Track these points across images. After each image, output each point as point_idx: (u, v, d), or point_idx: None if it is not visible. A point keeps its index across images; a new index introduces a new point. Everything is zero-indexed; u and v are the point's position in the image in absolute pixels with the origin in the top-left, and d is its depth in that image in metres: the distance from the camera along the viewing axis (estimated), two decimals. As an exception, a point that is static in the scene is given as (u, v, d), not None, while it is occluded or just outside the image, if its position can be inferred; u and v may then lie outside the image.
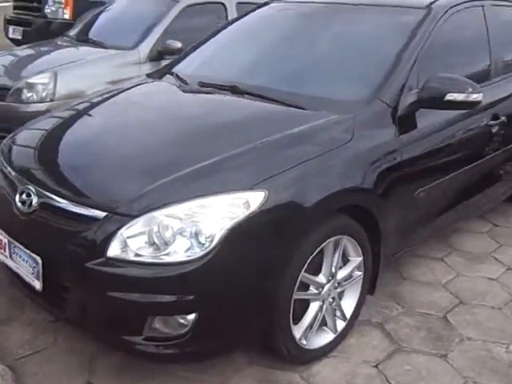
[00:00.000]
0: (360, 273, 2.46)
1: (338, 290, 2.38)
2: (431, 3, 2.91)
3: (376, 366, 2.37)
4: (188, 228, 1.90)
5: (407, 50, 2.62)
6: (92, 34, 5.33)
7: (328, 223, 2.19)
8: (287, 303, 2.12)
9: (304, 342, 2.28)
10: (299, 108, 2.48)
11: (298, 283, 2.13)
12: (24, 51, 5.17)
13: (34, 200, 2.14)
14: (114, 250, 1.91)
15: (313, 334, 2.31)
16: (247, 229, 1.93)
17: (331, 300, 2.36)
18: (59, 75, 4.40)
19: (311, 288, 2.26)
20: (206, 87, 2.82)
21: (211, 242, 1.88)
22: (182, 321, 1.95)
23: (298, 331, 2.24)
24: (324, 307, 2.33)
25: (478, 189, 3.14)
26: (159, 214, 1.92)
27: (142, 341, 1.97)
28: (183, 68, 3.18)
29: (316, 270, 2.28)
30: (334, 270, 2.31)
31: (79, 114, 2.71)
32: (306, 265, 2.14)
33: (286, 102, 2.52)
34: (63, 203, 2.07)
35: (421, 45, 2.66)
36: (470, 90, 2.50)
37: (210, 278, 1.90)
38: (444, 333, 2.62)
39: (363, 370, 2.35)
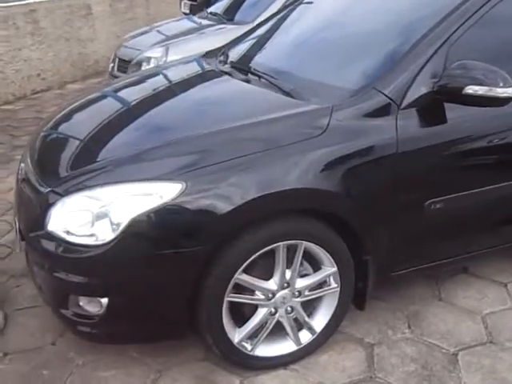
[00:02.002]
0: (336, 285, 2.18)
1: (299, 299, 2.15)
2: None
3: (329, 392, 2.11)
4: (106, 212, 1.89)
5: (434, 31, 2.16)
6: (222, 10, 5.47)
7: (273, 225, 1.97)
8: (217, 303, 1.98)
9: (247, 346, 2.12)
10: (287, 93, 2.25)
11: (231, 284, 1.98)
12: (158, 27, 5.52)
13: (23, 170, 2.33)
14: (52, 225, 1.97)
15: (260, 340, 2.13)
16: (156, 220, 1.84)
17: (289, 309, 2.14)
18: (170, 49, 4.65)
19: (257, 293, 2.07)
20: (235, 69, 2.71)
21: (118, 228, 1.85)
22: (100, 302, 1.96)
23: (238, 334, 2.09)
24: (277, 315, 2.13)
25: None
26: (82, 196, 1.94)
27: (71, 316, 2.03)
28: (236, 49, 3.07)
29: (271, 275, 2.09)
30: (288, 277, 2.08)
31: (86, 102, 2.74)
32: (242, 267, 1.97)
33: (278, 85, 2.32)
34: (30, 174, 2.22)
35: (458, 24, 2.17)
36: (501, 83, 1.99)
37: (116, 264, 1.88)
38: (439, 373, 2.20)
39: (311, 393, 2.11)
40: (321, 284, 2.19)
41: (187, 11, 7.83)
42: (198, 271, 1.91)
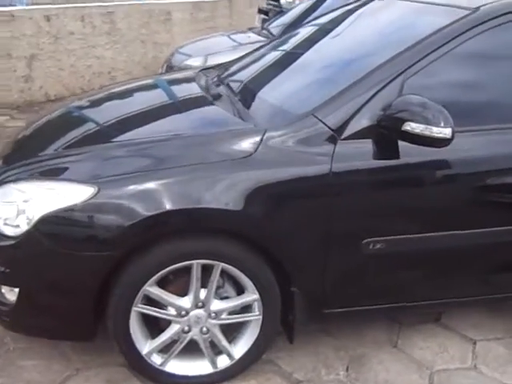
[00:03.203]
0: (258, 312, 2.11)
1: (216, 321, 2.10)
2: (482, 5, 2.19)
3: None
4: (26, 206, 1.96)
5: (389, 64, 2.06)
6: (279, 29, 5.50)
7: (186, 242, 1.95)
8: (124, 312, 1.99)
9: (157, 359, 2.10)
10: (236, 112, 2.23)
11: (139, 295, 1.98)
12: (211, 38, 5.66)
13: None
14: None
15: (172, 356, 2.11)
16: (63, 219, 1.88)
17: (205, 329, 2.10)
18: (208, 59, 4.74)
19: (169, 308, 2.06)
20: (219, 83, 2.72)
21: (30, 223, 1.91)
22: (14, 292, 2.03)
23: (149, 345, 2.08)
24: (191, 334, 2.09)
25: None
26: (12, 188, 2.02)
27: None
28: (231, 67, 3.05)
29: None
30: (203, 297, 2.05)
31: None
32: (151, 279, 1.96)
33: (234, 104, 2.31)
34: None
35: (417, 59, 2.05)
36: (442, 123, 1.85)
37: (24, 257, 1.94)
38: (354, 423, 2.06)
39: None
40: (244, 309, 2.14)
41: (259, 24, 7.96)
42: (104, 277, 1.93)
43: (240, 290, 2.12)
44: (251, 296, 2.08)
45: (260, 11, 8.25)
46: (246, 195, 1.92)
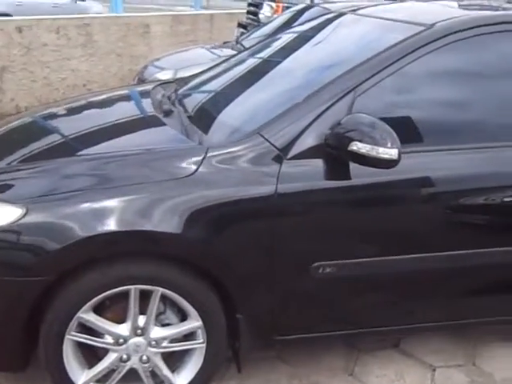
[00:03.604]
0: (202, 340, 2.00)
1: (156, 349, 1.98)
2: (438, 22, 2.13)
3: None
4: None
5: (337, 81, 1.98)
6: (248, 40, 5.46)
7: (121, 266, 1.84)
8: (56, 340, 1.87)
9: (92, 391, 1.99)
10: (182, 130, 2.14)
11: (73, 323, 1.86)
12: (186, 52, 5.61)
13: None
14: None
15: (109, 388, 1.99)
16: (-12, 243, 1.78)
17: (145, 358, 1.98)
18: (178, 73, 4.65)
19: (107, 336, 1.94)
20: (173, 99, 2.63)
21: (-46, 247, 1.80)
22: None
23: (86, 376, 1.96)
24: (130, 363, 1.98)
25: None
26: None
27: None
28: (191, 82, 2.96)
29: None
30: (142, 324, 1.94)
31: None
32: (85, 305, 1.85)
33: (182, 121, 2.23)
34: None
35: (367, 76, 1.97)
36: (388, 144, 1.77)
37: None
38: None
39: None
40: (188, 336, 2.03)
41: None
42: (34, 303, 1.82)
43: (184, 317, 2.01)
44: (194, 323, 1.98)
45: (239, 25, 8.23)
46: (185, 216, 1.83)
